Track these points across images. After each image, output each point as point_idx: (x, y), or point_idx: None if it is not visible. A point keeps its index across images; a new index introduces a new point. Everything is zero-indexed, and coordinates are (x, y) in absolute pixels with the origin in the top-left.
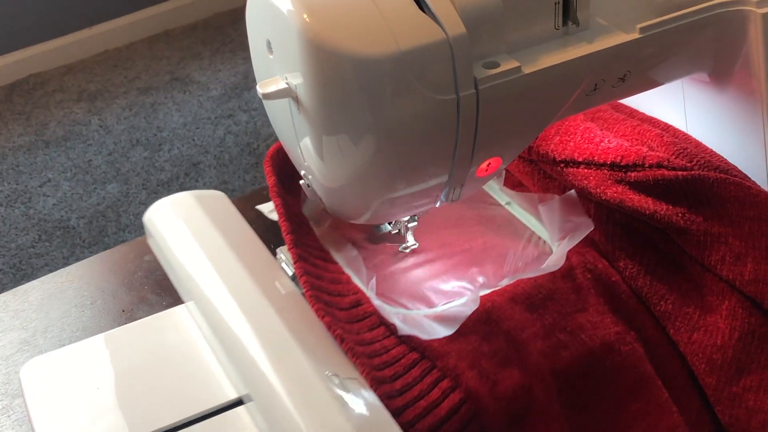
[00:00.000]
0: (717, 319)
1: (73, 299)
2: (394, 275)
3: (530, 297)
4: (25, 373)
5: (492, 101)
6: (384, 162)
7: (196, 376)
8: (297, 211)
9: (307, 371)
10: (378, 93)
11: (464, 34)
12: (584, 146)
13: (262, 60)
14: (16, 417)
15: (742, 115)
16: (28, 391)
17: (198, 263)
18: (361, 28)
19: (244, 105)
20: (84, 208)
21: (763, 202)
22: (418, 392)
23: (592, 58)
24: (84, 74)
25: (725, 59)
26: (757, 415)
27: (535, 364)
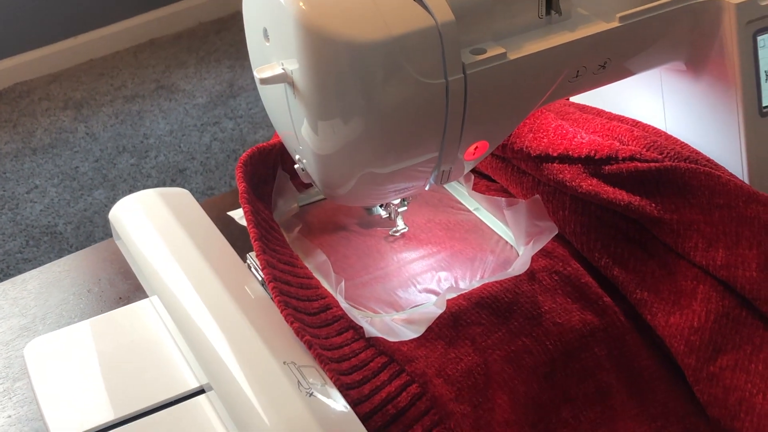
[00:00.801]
0: (692, 303)
1: (70, 287)
2: (363, 280)
3: (496, 301)
4: (29, 351)
5: (479, 86)
6: (375, 142)
7: (159, 366)
8: (267, 217)
9: (265, 360)
10: (370, 77)
11: (453, 21)
12: (558, 141)
13: (258, 47)
14: (18, 399)
15: (718, 102)
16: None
17: (161, 258)
18: (354, 15)
19: (229, 112)
20: (71, 214)
21: (732, 190)
22: (386, 395)
23: (574, 45)
24: (70, 83)
25: (701, 48)
26: (734, 393)
27: (500, 372)
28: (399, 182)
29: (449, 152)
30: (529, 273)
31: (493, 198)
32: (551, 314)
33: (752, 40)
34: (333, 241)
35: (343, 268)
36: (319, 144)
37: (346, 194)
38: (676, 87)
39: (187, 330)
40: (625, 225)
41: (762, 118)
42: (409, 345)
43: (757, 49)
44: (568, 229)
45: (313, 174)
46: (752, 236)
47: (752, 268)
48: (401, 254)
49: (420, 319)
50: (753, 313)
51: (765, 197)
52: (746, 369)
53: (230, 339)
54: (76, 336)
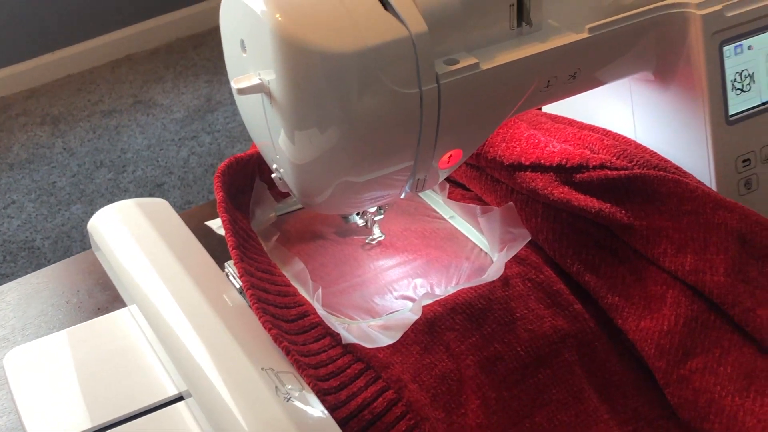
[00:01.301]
0: (662, 307)
1: (49, 299)
2: (340, 287)
3: (470, 307)
4: (8, 361)
5: (452, 95)
6: (351, 151)
7: (138, 374)
8: (245, 226)
9: (243, 366)
10: (346, 87)
11: (426, 32)
12: (531, 150)
13: (235, 58)
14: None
15: (685, 111)
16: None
17: (139, 267)
18: (330, 26)
19: (207, 127)
20: (49, 229)
21: (700, 197)
22: (362, 400)
23: (545, 56)
24: (47, 98)
25: (668, 58)
26: (704, 395)
27: (473, 378)
28: (375, 190)
29: (424, 161)
30: (503, 279)
31: (468, 206)
32: (523, 321)
33: (718, 50)
34: (310, 249)
35: (320, 276)
36: (296, 153)
37: (323, 203)
38: (645, 96)
39: (166, 337)
40: (596, 232)
41: (728, 126)
42: (385, 351)
43: (723, 59)
44: (540, 236)
45: (290, 183)
46: (719, 242)
47: (720, 273)
48: (378, 262)
49: (396, 325)
50: (721, 317)
51: (731, 204)
52: (715, 371)
53: (208, 346)
54: (55, 345)
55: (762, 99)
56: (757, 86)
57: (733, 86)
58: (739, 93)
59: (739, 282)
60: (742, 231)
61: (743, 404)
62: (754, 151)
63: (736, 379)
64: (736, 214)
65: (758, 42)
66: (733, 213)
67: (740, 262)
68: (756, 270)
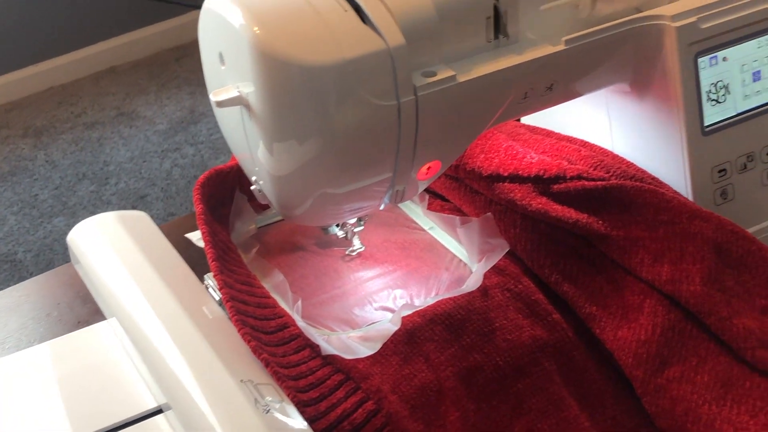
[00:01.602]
0: (639, 317)
1: (29, 312)
2: (320, 299)
3: (450, 317)
4: None
5: (430, 107)
6: (330, 163)
7: (118, 387)
8: (225, 238)
9: (222, 378)
10: (324, 99)
11: (403, 44)
12: (509, 162)
13: (214, 71)
14: None
15: (662, 122)
16: None
17: (119, 280)
18: (308, 39)
19: (190, 138)
20: (31, 242)
21: (676, 207)
22: (342, 411)
23: (522, 68)
24: (30, 110)
25: (644, 70)
26: (681, 404)
27: (452, 389)
28: (354, 202)
29: (403, 172)
30: (482, 290)
31: (447, 217)
32: (502, 331)
33: (693, 61)
34: (290, 261)
35: (300, 288)
36: (275, 165)
37: (303, 214)
38: (621, 108)
39: (146, 350)
40: (574, 242)
41: (704, 137)
42: (365, 362)
43: (699, 71)
44: (519, 247)
45: (270, 195)
46: (696, 251)
47: (696, 283)
48: (358, 273)
49: (376, 336)
50: (698, 326)
51: (707, 213)
52: (692, 380)
53: (188, 358)
54: (35, 358)
55: (737, 110)
56: (732, 97)
57: (708, 97)
58: (715, 104)
59: (715, 291)
60: (718, 240)
61: (720, 412)
62: (729, 162)
63: (712, 388)
64: (711, 224)
65: (733, 53)
66: (709, 222)
67: (716, 272)
68: (732, 279)
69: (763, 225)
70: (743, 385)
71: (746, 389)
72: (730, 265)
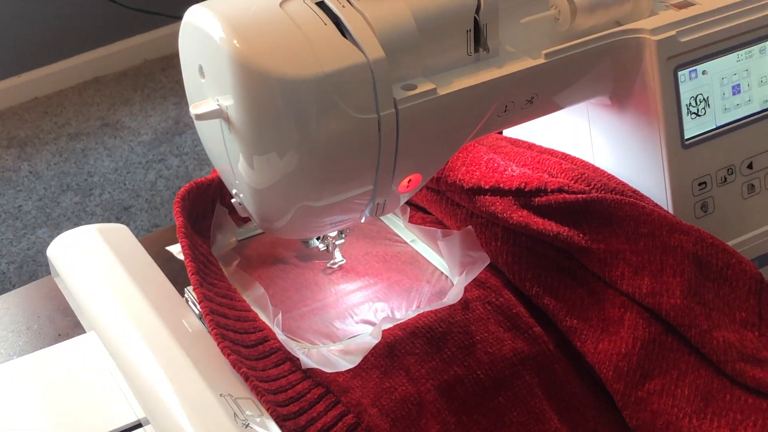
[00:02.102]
0: (620, 330)
1: (9, 325)
2: (301, 312)
3: (431, 330)
4: None
5: (410, 120)
6: (310, 176)
7: (97, 400)
8: (206, 251)
9: (202, 393)
10: (304, 112)
11: (383, 57)
12: (490, 175)
13: (194, 84)
14: None
15: (642, 135)
16: None
17: (98, 294)
18: (287, 52)
19: (175, 149)
20: (14, 253)
21: (656, 220)
22: (322, 425)
23: (502, 81)
24: (13, 121)
25: (624, 83)
26: (661, 417)
27: (433, 402)
28: (335, 215)
29: (383, 185)
30: (463, 303)
31: (429, 229)
32: (483, 344)
33: (673, 75)
34: (271, 273)
35: (281, 301)
36: (255, 178)
37: (283, 227)
38: (602, 121)
39: (125, 364)
40: (555, 255)
41: (684, 150)
42: (345, 375)
43: (678, 84)
44: (500, 260)
45: (250, 208)
46: (676, 264)
47: (676, 296)
48: (339, 286)
49: (356, 349)
50: (679, 339)
51: (687, 227)
52: (673, 393)
53: (167, 372)
54: (14, 371)
55: (717, 123)
56: (711, 110)
57: (688, 110)
58: (695, 117)
59: (695, 304)
60: (698, 253)
61: (701, 425)
62: (709, 175)
63: (693, 401)
64: (691, 237)
65: (712, 67)
66: (689, 235)
67: (696, 284)
68: (712, 292)
69: (743, 238)
70: (724, 398)
71: (726, 402)
72: (710, 278)
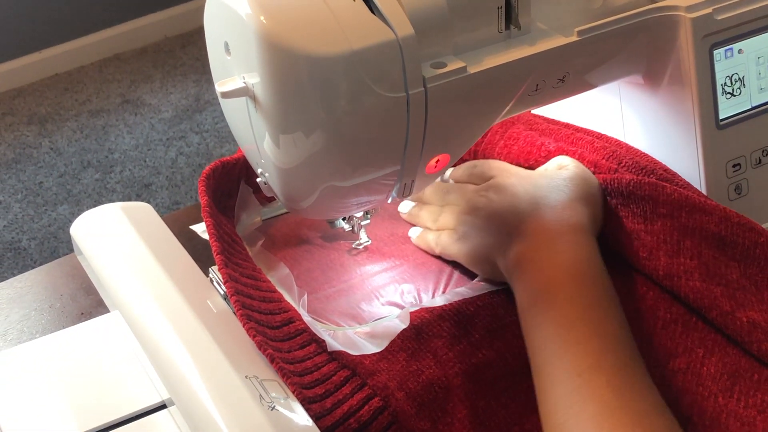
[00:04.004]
0: (642, 308)
1: (31, 303)
2: (326, 293)
3: (458, 313)
4: None
5: (440, 99)
6: (337, 156)
7: (121, 381)
8: (230, 230)
9: (227, 374)
10: (331, 91)
11: (412, 35)
12: (528, 149)
13: (219, 61)
14: None
15: (675, 115)
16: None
17: (122, 273)
18: (315, 29)
19: (195, 127)
20: (35, 230)
21: (676, 201)
22: (348, 408)
23: (533, 59)
24: (34, 97)
25: (658, 61)
26: (686, 396)
27: (460, 386)
28: (361, 195)
29: (411, 165)
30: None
31: None
32: (512, 327)
33: (708, 54)
34: (296, 254)
35: (306, 282)
36: (281, 157)
37: (309, 207)
38: (634, 100)
39: (149, 344)
40: None
41: (719, 130)
42: (372, 358)
43: (714, 63)
44: None
45: (276, 187)
46: (693, 246)
47: (695, 278)
48: (364, 267)
49: (383, 333)
50: (703, 319)
51: (712, 206)
52: (698, 372)
53: (192, 353)
54: (37, 351)
55: (752, 103)
56: (747, 90)
57: (723, 90)
58: (729, 97)
59: (716, 285)
60: (722, 234)
61: (726, 405)
62: (744, 156)
63: (719, 380)
64: (715, 217)
65: (748, 45)
66: (712, 216)
67: (716, 265)
68: (737, 272)
69: None
70: (751, 377)
71: (754, 382)
72: (735, 258)
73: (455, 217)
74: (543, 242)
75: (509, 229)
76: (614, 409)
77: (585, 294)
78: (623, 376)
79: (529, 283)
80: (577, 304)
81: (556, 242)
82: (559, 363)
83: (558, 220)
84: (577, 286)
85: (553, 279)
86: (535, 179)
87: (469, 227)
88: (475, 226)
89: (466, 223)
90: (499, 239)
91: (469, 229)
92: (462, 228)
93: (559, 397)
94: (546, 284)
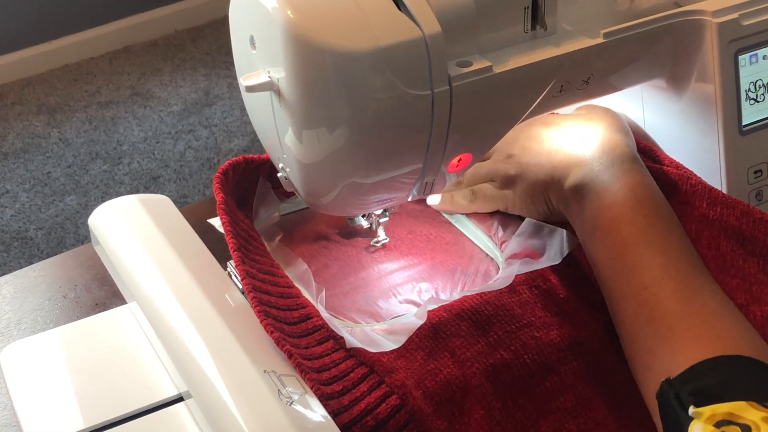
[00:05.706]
0: None
1: (45, 293)
2: (344, 290)
3: (476, 313)
4: (5, 356)
5: (464, 98)
6: (360, 152)
7: (137, 373)
8: (247, 226)
9: (245, 368)
10: (356, 87)
11: (439, 32)
12: None
13: (244, 54)
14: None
15: (698, 120)
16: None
17: (140, 264)
18: (342, 24)
19: (204, 120)
20: (42, 220)
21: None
22: (366, 405)
23: (559, 60)
24: (44, 87)
25: (682, 65)
26: None
27: (478, 386)
28: (382, 193)
29: (433, 164)
30: (509, 286)
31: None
32: (530, 328)
33: (733, 59)
34: (314, 250)
35: (324, 278)
36: (304, 153)
37: (329, 203)
38: (657, 103)
39: (167, 337)
40: None
41: (741, 136)
42: (389, 356)
43: (738, 68)
44: None
45: (296, 182)
46: (712, 237)
47: (710, 269)
48: (382, 265)
49: (401, 329)
50: None
51: (734, 200)
52: None
53: (210, 346)
54: (53, 341)
55: None
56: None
57: (747, 96)
58: (753, 103)
59: (732, 278)
60: (742, 228)
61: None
62: (766, 163)
63: None
64: (737, 210)
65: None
66: (734, 209)
67: (734, 258)
68: (756, 267)
69: None
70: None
71: None
72: (754, 253)
73: (495, 168)
74: (599, 170)
75: (562, 162)
76: (681, 315)
77: (646, 213)
78: (688, 283)
79: (590, 209)
80: (639, 224)
81: (612, 169)
82: (625, 279)
83: (608, 150)
84: (639, 206)
85: (614, 203)
86: (568, 120)
87: (515, 170)
88: (521, 166)
89: (511, 169)
90: (552, 173)
91: (515, 171)
92: (506, 175)
93: (628, 309)
94: (608, 208)
